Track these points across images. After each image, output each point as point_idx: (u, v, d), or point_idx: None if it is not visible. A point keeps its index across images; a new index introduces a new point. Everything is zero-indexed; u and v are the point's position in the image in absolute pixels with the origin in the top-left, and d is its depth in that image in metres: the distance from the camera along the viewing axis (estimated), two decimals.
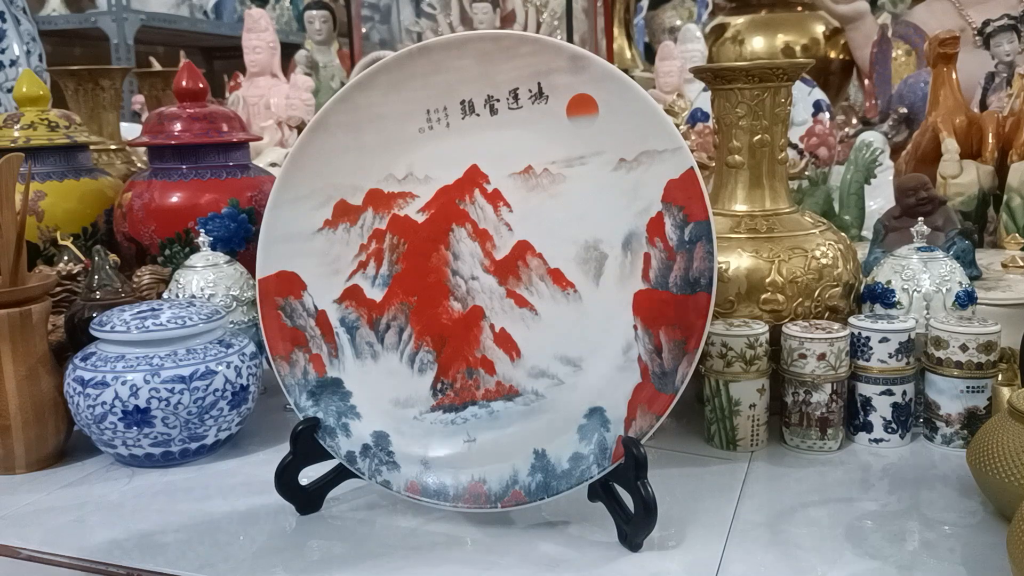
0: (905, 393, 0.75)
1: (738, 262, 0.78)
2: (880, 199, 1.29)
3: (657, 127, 0.61)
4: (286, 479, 0.66)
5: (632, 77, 0.63)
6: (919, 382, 0.77)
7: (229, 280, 0.89)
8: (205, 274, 0.88)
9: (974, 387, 0.74)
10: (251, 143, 1.13)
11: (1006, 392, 0.71)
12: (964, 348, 0.73)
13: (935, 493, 0.68)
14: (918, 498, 0.67)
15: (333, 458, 0.67)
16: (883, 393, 0.75)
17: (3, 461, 0.75)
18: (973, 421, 0.74)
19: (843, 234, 0.86)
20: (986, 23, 1.51)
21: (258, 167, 1.11)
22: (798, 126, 1.32)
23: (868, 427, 0.76)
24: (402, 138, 0.67)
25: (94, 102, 1.34)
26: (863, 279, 0.84)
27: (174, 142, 1.02)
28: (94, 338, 0.77)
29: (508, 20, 2.41)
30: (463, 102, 0.65)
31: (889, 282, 0.81)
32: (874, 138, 1.32)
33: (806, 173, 1.24)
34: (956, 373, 0.74)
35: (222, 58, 3.53)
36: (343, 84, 2.37)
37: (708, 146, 1.22)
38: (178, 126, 1.02)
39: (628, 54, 2.74)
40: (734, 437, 0.75)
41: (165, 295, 0.89)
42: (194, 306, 0.78)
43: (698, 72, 0.83)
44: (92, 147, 1.17)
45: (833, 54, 2.06)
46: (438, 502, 0.65)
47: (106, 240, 1.07)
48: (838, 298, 0.80)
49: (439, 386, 0.67)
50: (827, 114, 1.34)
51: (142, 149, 1.30)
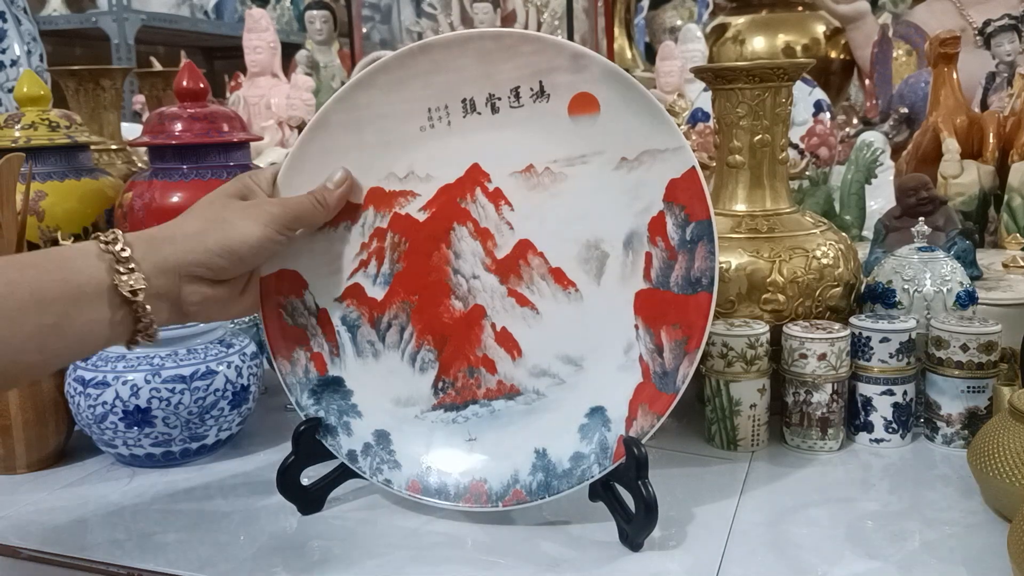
0: (906, 393, 0.75)
1: (739, 262, 0.78)
2: (881, 199, 1.29)
3: (659, 126, 0.61)
4: (288, 479, 0.66)
5: (633, 77, 0.63)
6: (920, 382, 0.77)
7: None
8: None
9: (975, 387, 0.74)
10: (252, 143, 1.13)
11: (1007, 392, 0.71)
12: (965, 348, 0.73)
13: (936, 493, 0.68)
14: (919, 498, 0.67)
15: (335, 458, 0.67)
16: (884, 393, 0.75)
17: (4, 461, 0.75)
18: (974, 421, 0.74)
19: (844, 234, 0.86)
20: (987, 23, 1.51)
21: (259, 167, 1.11)
22: (799, 126, 1.32)
23: (869, 427, 0.76)
24: (403, 137, 0.67)
25: (95, 102, 1.34)
26: (864, 279, 0.84)
27: (175, 142, 1.02)
28: None
29: (509, 20, 2.41)
30: (464, 101, 0.65)
31: (890, 282, 0.80)
32: (875, 138, 1.32)
33: (807, 173, 1.24)
34: (957, 373, 0.74)
35: (223, 58, 3.53)
36: (344, 84, 2.37)
37: (709, 146, 1.22)
38: (179, 126, 1.02)
39: (629, 54, 2.74)
40: (735, 437, 0.75)
41: None
42: None
43: (699, 72, 0.83)
44: (93, 147, 1.17)
45: (834, 54, 2.05)
46: (439, 501, 0.65)
47: None
48: (839, 298, 0.80)
49: (440, 385, 0.67)
50: (828, 114, 1.34)
51: (143, 149, 1.30)
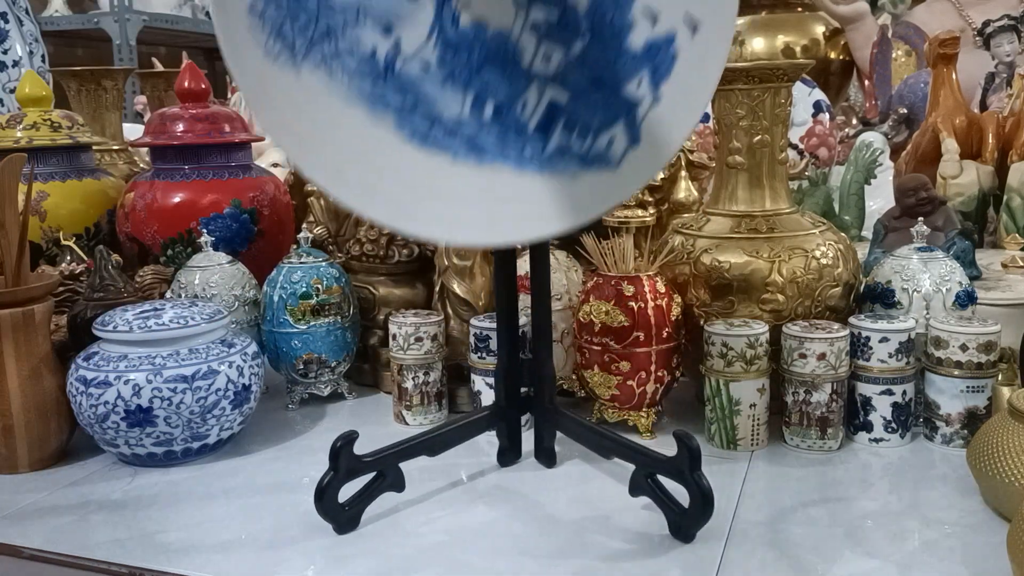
0: (905, 393, 0.75)
1: (738, 262, 0.78)
2: (880, 199, 1.29)
3: None
4: (328, 498, 0.63)
5: None
6: (919, 382, 0.77)
7: (231, 280, 0.89)
8: (207, 274, 0.88)
9: (974, 387, 0.74)
10: (253, 143, 1.13)
11: (1006, 392, 0.71)
12: (964, 348, 0.73)
13: (935, 492, 0.68)
14: (918, 497, 0.67)
15: (373, 471, 0.65)
16: (883, 393, 0.75)
17: (6, 460, 0.76)
18: (973, 421, 0.74)
19: (843, 234, 0.86)
20: (986, 23, 1.51)
21: (260, 167, 1.12)
22: (798, 126, 1.32)
23: (868, 427, 0.76)
24: None
25: (96, 103, 1.35)
26: (863, 279, 0.84)
27: (176, 142, 1.02)
28: (97, 338, 0.77)
29: None
30: None
31: (889, 282, 0.81)
32: (874, 138, 1.32)
33: (806, 173, 1.24)
34: (956, 373, 0.74)
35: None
36: None
37: (708, 146, 1.22)
38: (180, 127, 1.02)
39: None
40: (734, 437, 0.75)
41: (167, 295, 0.89)
42: (196, 306, 0.78)
43: None
44: (94, 147, 1.17)
45: (833, 55, 2.05)
46: None
47: (108, 240, 1.07)
48: (838, 298, 0.80)
49: None
50: (827, 114, 1.34)
51: (144, 149, 1.30)
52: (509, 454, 0.75)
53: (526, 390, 0.74)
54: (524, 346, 0.77)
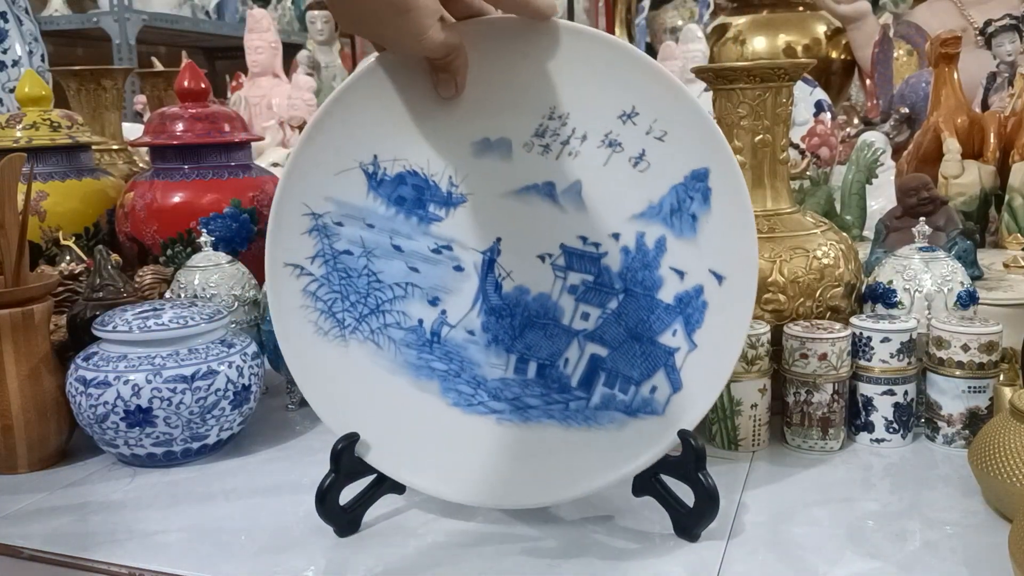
0: (907, 393, 0.75)
1: None
2: (882, 199, 1.29)
3: None
4: (329, 501, 0.63)
5: None
6: (920, 382, 0.77)
7: (231, 280, 0.89)
8: (207, 274, 0.88)
9: (976, 387, 0.74)
10: (253, 143, 1.13)
11: (1008, 392, 0.71)
12: (966, 348, 0.73)
13: (937, 493, 0.68)
14: (919, 498, 0.67)
15: (374, 473, 0.65)
16: (885, 393, 0.75)
17: (5, 460, 0.76)
18: (975, 421, 0.74)
19: (844, 234, 0.86)
20: (988, 23, 1.51)
21: (260, 167, 1.11)
22: (800, 126, 1.32)
23: (870, 427, 0.76)
24: None
25: (96, 102, 1.34)
26: (864, 279, 0.84)
27: (176, 142, 1.02)
28: (96, 338, 0.77)
29: None
30: None
31: (891, 282, 0.81)
32: (876, 138, 1.32)
33: (807, 173, 1.24)
34: (958, 373, 0.74)
35: (224, 58, 3.54)
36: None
37: None
38: (180, 126, 1.02)
39: None
40: (735, 437, 0.75)
41: (167, 295, 0.89)
42: (196, 306, 0.78)
43: (699, 72, 0.83)
44: (94, 147, 1.17)
45: (834, 54, 2.05)
46: None
47: (108, 240, 1.07)
48: (839, 298, 0.80)
49: None
50: (829, 114, 1.34)
51: (144, 149, 1.30)
52: None
53: None
54: None
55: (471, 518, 0.65)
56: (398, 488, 0.66)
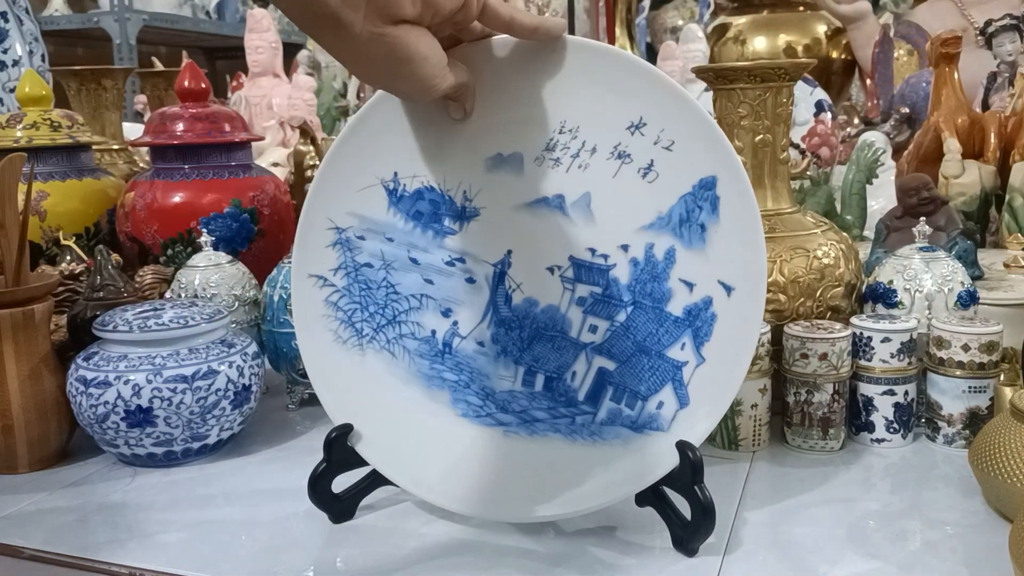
0: (907, 393, 0.75)
1: None
2: (882, 199, 1.29)
3: None
4: (320, 488, 0.64)
5: None
6: (921, 382, 0.77)
7: (231, 280, 0.89)
8: (207, 274, 0.88)
9: (976, 387, 0.74)
10: (253, 143, 1.13)
11: (1008, 392, 0.71)
12: (966, 348, 0.73)
13: (937, 493, 0.68)
14: (920, 498, 0.67)
15: (366, 465, 0.66)
16: (885, 393, 0.75)
17: (6, 460, 0.76)
18: (975, 421, 0.74)
19: (845, 234, 0.86)
20: (988, 23, 1.51)
21: (260, 167, 1.11)
22: (800, 126, 1.32)
23: (870, 427, 0.76)
24: None
25: (96, 102, 1.35)
26: (865, 279, 0.84)
27: (176, 142, 1.02)
28: (96, 338, 0.77)
29: None
30: None
31: (891, 282, 0.80)
32: (876, 138, 1.32)
33: (808, 173, 1.24)
34: (958, 373, 0.74)
35: (224, 58, 3.54)
36: (345, 84, 2.37)
37: None
38: (180, 126, 1.02)
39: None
40: (736, 437, 0.75)
41: (167, 295, 0.89)
42: (196, 306, 0.78)
43: (700, 72, 0.83)
44: (94, 147, 1.17)
45: (835, 54, 2.05)
46: None
47: (108, 240, 1.07)
48: (840, 298, 0.80)
49: None
50: (829, 114, 1.34)
51: (144, 149, 1.30)
52: None
53: None
54: None
55: (471, 524, 0.65)
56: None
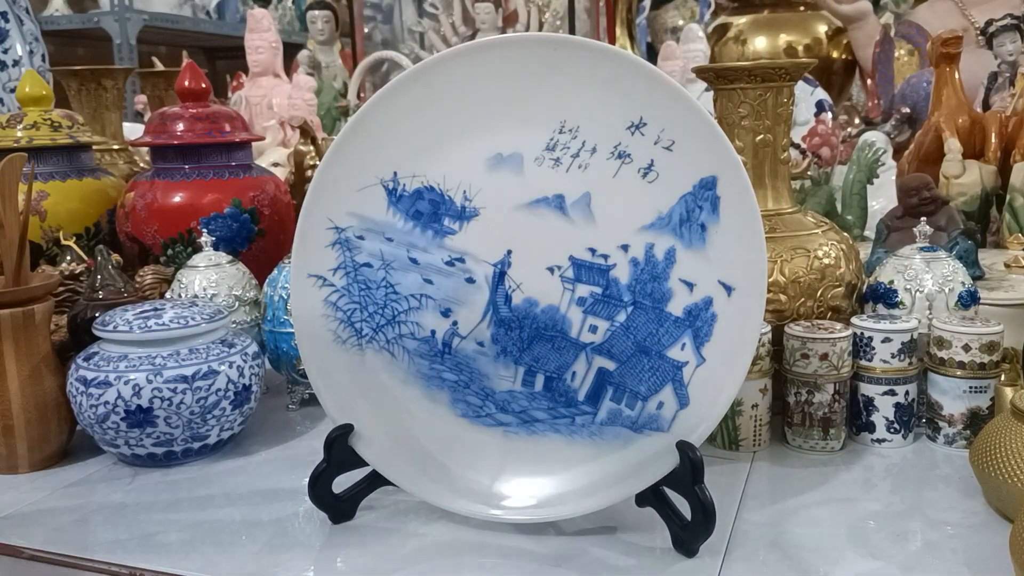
0: (908, 393, 0.75)
1: None
2: (883, 199, 1.29)
3: None
4: (320, 488, 0.65)
5: None
6: (922, 382, 0.77)
7: (231, 280, 0.89)
8: (207, 274, 0.88)
9: (977, 387, 0.74)
10: (254, 143, 1.13)
11: (1009, 392, 0.71)
12: (967, 348, 0.73)
13: (938, 493, 0.68)
14: (921, 498, 0.67)
15: (366, 465, 0.66)
16: (886, 393, 0.75)
17: (6, 460, 0.76)
18: (976, 421, 0.74)
19: (845, 234, 0.86)
20: (989, 23, 1.51)
21: (260, 167, 1.11)
22: (801, 126, 1.32)
23: (871, 427, 0.76)
24: None
25: (97, 102, 1.35)
26: (865, 279, 0.84)
27: (176, 142, 1.02)
28: (97, 338, 0.77)
29: (511, 20, 2.41)
30: None
31: (892, 282, 0.80)
32: (876, 138, 1.32)
33: (808, 173, 1.24)
34: (959, 373, 0.74)
35: (224, 58, 3.53)
36: (345, 84, 2.38)
37: None
38: (180, 126, 1.02)
39: None
40: (736, 437, 0.75)
41: (168, 295, 0.89)
42: (196, 306, 0.78)
43: (700, 72, 0.83)
44: (95, 147, 1.17)
45: (835, 54, 2.05)
46: None
47: (109, 240, 1.07)
48: (840, 298, 0.80)
49: None
50: (829, 114, 1.34)
51: (145, 149, 1.30)
52: None
53: None
54: None
55: (471, 524, 0.65)
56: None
